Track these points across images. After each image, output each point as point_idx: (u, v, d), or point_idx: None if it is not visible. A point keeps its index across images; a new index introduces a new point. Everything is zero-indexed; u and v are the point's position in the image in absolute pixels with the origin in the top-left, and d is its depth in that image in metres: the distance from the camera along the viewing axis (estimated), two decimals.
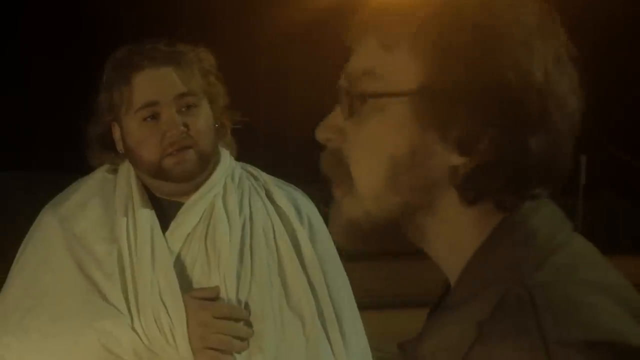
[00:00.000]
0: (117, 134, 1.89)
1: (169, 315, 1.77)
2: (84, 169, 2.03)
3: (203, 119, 1.86)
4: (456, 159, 0.92)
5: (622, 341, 0.84)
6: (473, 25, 0.91)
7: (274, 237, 1.92)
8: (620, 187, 20.34)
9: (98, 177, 1.95)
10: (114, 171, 1.94)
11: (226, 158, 1.95)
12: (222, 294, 1.83)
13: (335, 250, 2.01)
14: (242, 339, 1.82)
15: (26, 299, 1.84)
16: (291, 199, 1.99)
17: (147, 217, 1.85)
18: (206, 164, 1.87)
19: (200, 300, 1.81)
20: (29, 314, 1.82)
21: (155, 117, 1.83)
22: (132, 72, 1.84)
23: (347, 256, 1.99)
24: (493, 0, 0.93)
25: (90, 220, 1.88)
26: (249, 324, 1.84)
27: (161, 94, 1.83)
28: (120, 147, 1.89)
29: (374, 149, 0.95)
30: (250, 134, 2.07)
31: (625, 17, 17.21)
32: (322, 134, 0.99)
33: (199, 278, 1.85)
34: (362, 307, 2.11)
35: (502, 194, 0.93)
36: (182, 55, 1.87)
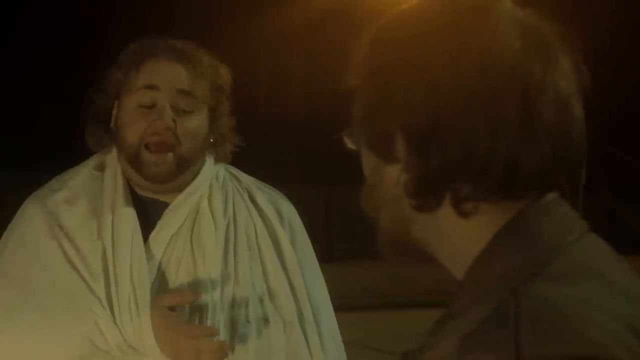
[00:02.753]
0: (115, 111, 1.89)
1: (139, 318, 1.78)
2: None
3: (194, 125, 1.86)
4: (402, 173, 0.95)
5: (608, 356, 0.81)
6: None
7: (256, 238, 1.93)
8: (620, 187, 20.34)
9: (85, 173, 1.95)
10: (101, 168, 1.94)
11: (210, 163, 1.97)
12: (207, 293, 1.84)
13: (314, 254, 2.03)
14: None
15: (13, 294, 1.84)
16: (273, 202, 2.00)
17: (129, 217, 1.86)
18: (183, 168, 1.87)
19: (167, 319, 1.78)
20: (17, 306, 1.82)
21: (151, 107, 1.84)
22: (145, 59, 1.86)
23: (348, 256, 1.99)
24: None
25: (77, 218, 1.88)
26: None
27: (163, 82, 1.84)
28: (113, 123, 1.89)
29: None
30: (250, 134, 2.07)
31: (625, 17, 17.21)
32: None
33: (184, 277, 1.85)
34: (363, 307, 2.12)
35: (463, 196, 0.92)
36: (197, 60, 1.88)
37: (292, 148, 18.74)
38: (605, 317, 0.84)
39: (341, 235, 15.81)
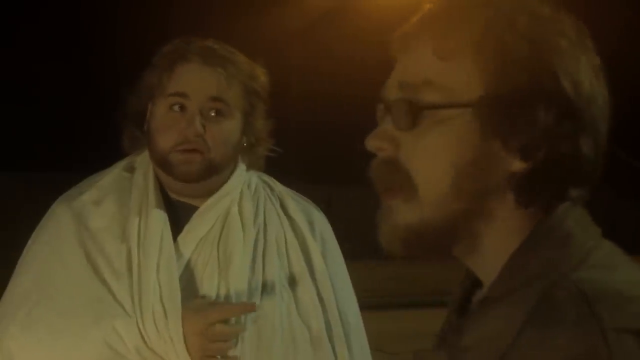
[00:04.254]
0: (148, 114, 1.90)
1: (166, 317, 1.77)
2: (84, 169, 2.03)
3: (225, 130, 1.86)
4: (517, 165, 0.97)
5: None
6: (527, 35, 0.96)
7: (286, 247, 1.93)
8: (621, 187, 20.34)
9: (115, 174, 1.95)
10: (131, 169, 1.94)
11: (243, 168, 1.96)
12: (232, 300, 1.83)
13: (345, 268, 2.02)
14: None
15: (36, 292, 1.84)
16: (305, 213, 2.00)
17: (159, 218, 1.85)
18: (213, 170, 1.86)
19: (196, 305, 1.80)
20: (38, 306, 1.82)
21: (182, 108, 1.84)
22: (179, 61, 1.86)
23: (348, 256, 1.99)
24: (539, 12, 0.98)
25: (104, 219, 1.88)
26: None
27: (193, 89, 1.84)
28: (145, 126, 1.89)
29: (436, 158, 0.98)
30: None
31: (626, 17, 17.22)
32: (374, 143, 1.01)
33: (209, 282, 1.84)
34: (363, 307, 2.12)
35: (553, 196, 0.98)
36: (232, 64, 1.87)
37: (292, 148, 18.75)
38: None
39: (341, 235, 15.78)
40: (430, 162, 0.98)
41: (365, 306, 2.14)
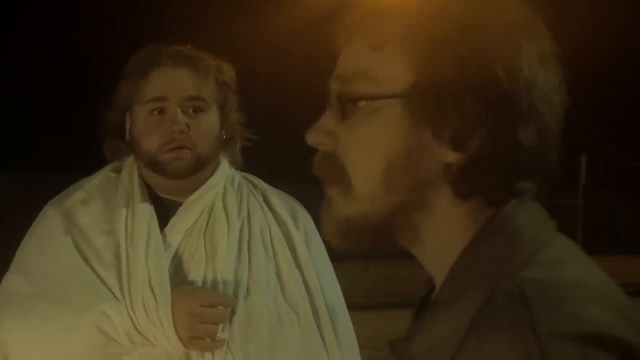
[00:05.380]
0: (128, 122, 1.96)
1: (156, 301, 1.83)
2: (84, 169, 2.08)
3: (206, 125, 1.93)
4: (450, 156, 0.93)
5: (610, 333, 0.85)
6: (458, 22, 0.92)
7: (271, 239, 1.99)
8: (620, 187, 20.35)
9: (101, 175, 2.02)
10: (118, 170, 2.01)
11: (226, 164, 2.03)
12: (219, 289, 1.89)
13: (329, 260, 2.07)
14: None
15: (28, 286, 1.91)
16: (289, 208, 2.05)
17: (145, 211, 1.92)
18: (201, 165, 1.93)
19: (188, 288, 1.87)
20: (30, 299, 1.89)
21: (162, 111, 1.91)
22: (151, 68, 1.93)
23: (347, 256, 2.01)
24: None
25: (92, 215, 1.95)
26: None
27: (171, 92, 1.91)
28: (127, 135, 1.96)
29: (369, 151, 0.96)
30: (250, 134, 2.09)
31: (626, 18, 17.22)
32: (313, 137, 0.99)
33: (196, 271, 1.90)
34: (362, 307, 2.14)
35: (494, 188, 0.94)
36: (201, 61, 1.94)
37: (292, 148, 18.75)
38: (599, 298, 0.88)
39: None
40: (362, 154, 0.96)
41: (364, 306, 2.15)
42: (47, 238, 1.95)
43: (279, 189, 2.12)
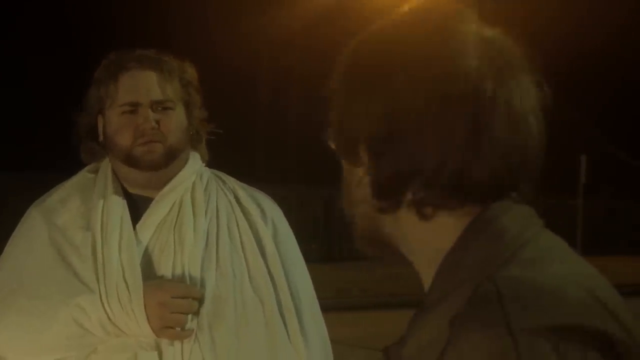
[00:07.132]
0: (100, 125, 2.10)
1: (129, 293, 1.95)
2: (81, 169, 2.19)
3: (174, 120, 2.07)
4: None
5: (588, 325, 0.87)
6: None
7: (239, 233, 2.10)
8: (620, 187, 20.35)
9: (80, 175, 2.16)
10: (95, 171, 2.15)
11: (196, 159, 2.16)
12: (187, 279, 2.02)
13: (297, 249, 2.19)
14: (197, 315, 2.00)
15: (9, 282, 2.04)
16: (255, 200, 2.17)
17: (118, 204, 2.06)
18: (172, 157, 2.07)
19: (158, 281, 2.00)
20: (11, 295, 2.01)
21: (133, 111, 2.05)
22: (120, 72, 2.07)
23: (347, 257, 2.01)
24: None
25: (70, 213, 2.08)
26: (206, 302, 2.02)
27: (141, 96, 2.05)
28: (101, 137, 2.10)
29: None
30: (250, 134, 2.14)
31: (625, 19, 17.23)
32: None
33: (165, 264, 2.03)
34: (362, 307, 2.15)
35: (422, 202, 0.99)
36: (165, 64, 2.09)
37: (292, 148, 18.76)
38: (576, 290, 0.91)
39: (341, 235, 15.80)
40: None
41: (364, 306, 2.17)
42: (28, 236, 2.08)
43: (279, 189, 2.18)
